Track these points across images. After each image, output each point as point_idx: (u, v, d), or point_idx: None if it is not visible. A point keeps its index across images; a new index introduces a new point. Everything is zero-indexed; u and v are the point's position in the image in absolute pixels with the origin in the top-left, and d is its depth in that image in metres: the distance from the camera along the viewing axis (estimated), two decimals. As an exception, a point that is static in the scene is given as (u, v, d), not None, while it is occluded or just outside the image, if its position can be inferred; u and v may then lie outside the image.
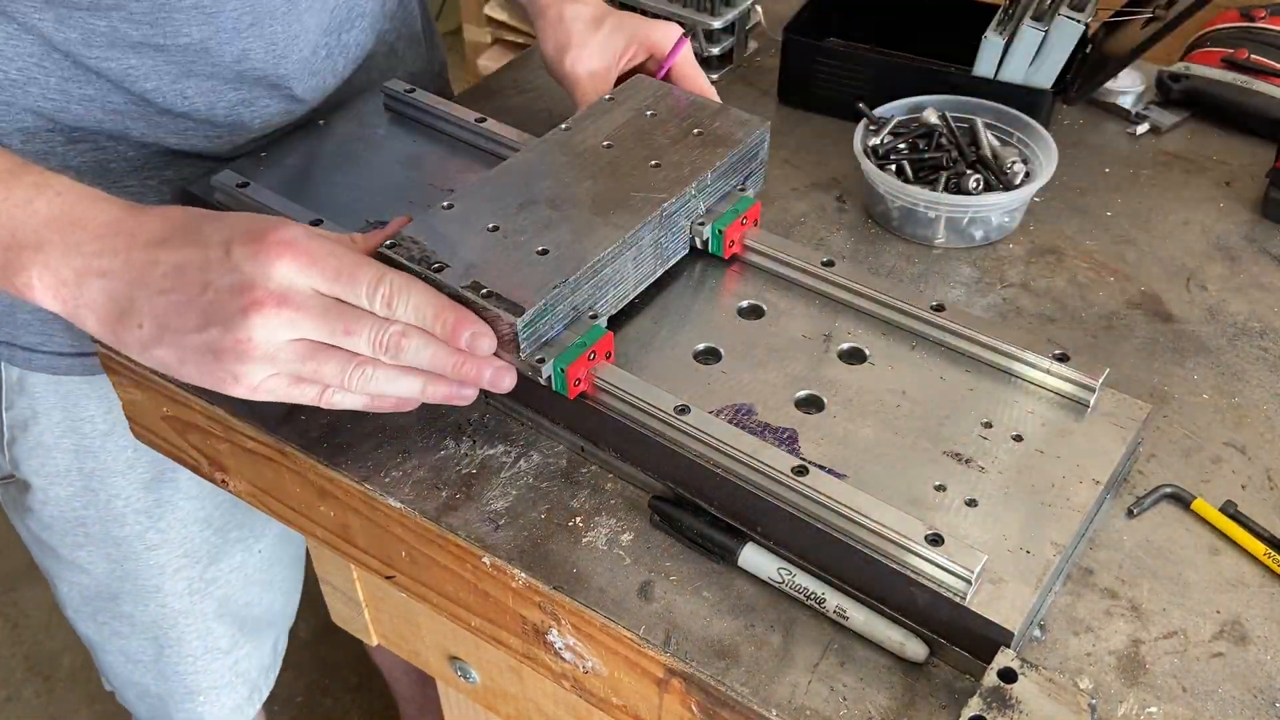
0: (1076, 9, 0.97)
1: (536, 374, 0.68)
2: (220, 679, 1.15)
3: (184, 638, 1.10)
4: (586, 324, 0.70)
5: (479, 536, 0.69)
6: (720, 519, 0.67)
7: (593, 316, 0.71)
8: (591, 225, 0.72)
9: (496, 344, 0.67)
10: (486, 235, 0.72)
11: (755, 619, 0.64)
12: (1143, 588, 0.66)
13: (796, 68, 1.06)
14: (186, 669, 1.12)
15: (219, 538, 1.07)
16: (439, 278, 0.68)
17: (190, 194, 0.87)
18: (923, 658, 0.62)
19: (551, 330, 0.69)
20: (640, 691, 0.66)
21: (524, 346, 0.67)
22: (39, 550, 1.06)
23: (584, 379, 0.69)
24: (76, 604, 1.08)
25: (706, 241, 0.79)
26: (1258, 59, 1.03)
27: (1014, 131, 0.95)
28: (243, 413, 0.76)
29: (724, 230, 0.78)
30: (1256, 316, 0.85)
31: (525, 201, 0.74)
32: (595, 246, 0.71)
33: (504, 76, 1.12)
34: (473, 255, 0.70)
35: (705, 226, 0.78)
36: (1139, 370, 0.80)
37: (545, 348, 0.68)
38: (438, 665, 0.93)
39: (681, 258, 0.79)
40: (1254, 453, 0.74)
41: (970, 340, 0.73)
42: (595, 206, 0.74)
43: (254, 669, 1.19)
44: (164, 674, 1.12)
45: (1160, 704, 0.60)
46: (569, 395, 0.69)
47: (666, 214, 0.75)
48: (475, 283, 0.67)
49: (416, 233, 0.71)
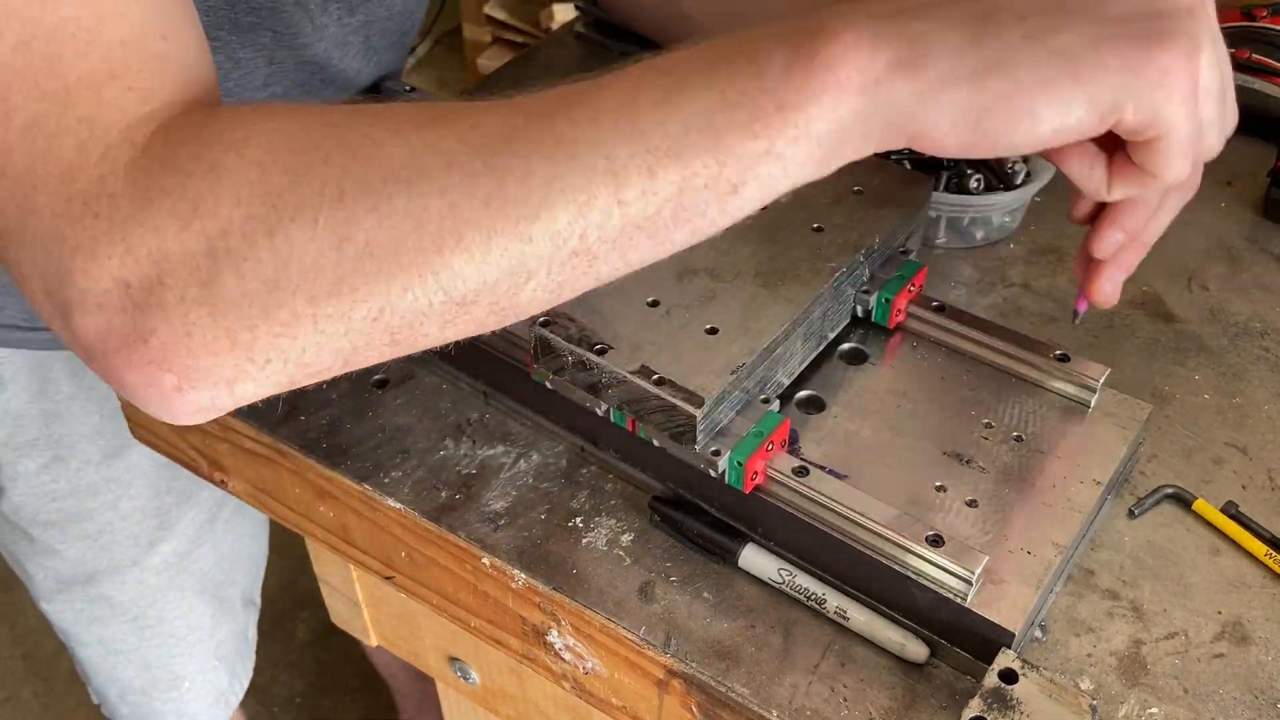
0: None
1: (710, 467, 0.63)
2: (205, 663, 1.14)
3: (165, 616, 1.09)
4: (758, 409, 0.65)
5: (479, 537, 0.69)
6: (720, 519, 0.67)
7: (764, 401, 0.66)
8: (759, 299, 0.67)
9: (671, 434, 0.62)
10: (647, 311, 0.66)
11: (755, 619, 0.64)
12: (1144, 588, 0.66)
13: (797, 67, 1.06)
14: (170, 651, 1.11)
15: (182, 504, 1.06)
16: (603, 361, 0.63)
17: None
18: (923, 658, 0.62)
19: (724, 418, 0.64)
20: (640, 692, 0.66)
21: (700, 439, 0.62)
22: (10, 539, 1.05)
23: (760, 472, 0.64)
24: (52, 592, 1.06)
25: (870, 311, 0.74)
26: (1259, 59, 1.03)
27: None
28: (241, 413, 0.76)
29: (891, 299, 0.73)
30: (1258, 316, 0.85)
31: (683, 271, 0.69)
32: (769, 324, 0.65)
33: (504, 76, 1.12)
34: (636, 335, 0.65)
35: (871, 295, 0.73)
36: (1140, 370, 0.80)
37: (719, 438, 0.63)
38: (437, 666, 0.93)
39: None
40: (1255, 453, 0.74)
41: (971, 340, 0.73)
42: (761, 277, 0.69)
43: (232, 652, 1.18)
44: (147, 661, 1.11)
45: (1161, 705, 0.60)
46: (744, 490, 0.63)
47: (838, 284, 0.70)
48: (644, 367, 0.63)
49: (572, 309, 0.66)
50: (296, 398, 0.77)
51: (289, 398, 0.77)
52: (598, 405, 0.66)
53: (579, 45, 1.18)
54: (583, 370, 0.65)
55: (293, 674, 1.83)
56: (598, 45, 1.17)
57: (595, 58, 1.15)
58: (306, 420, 0.76)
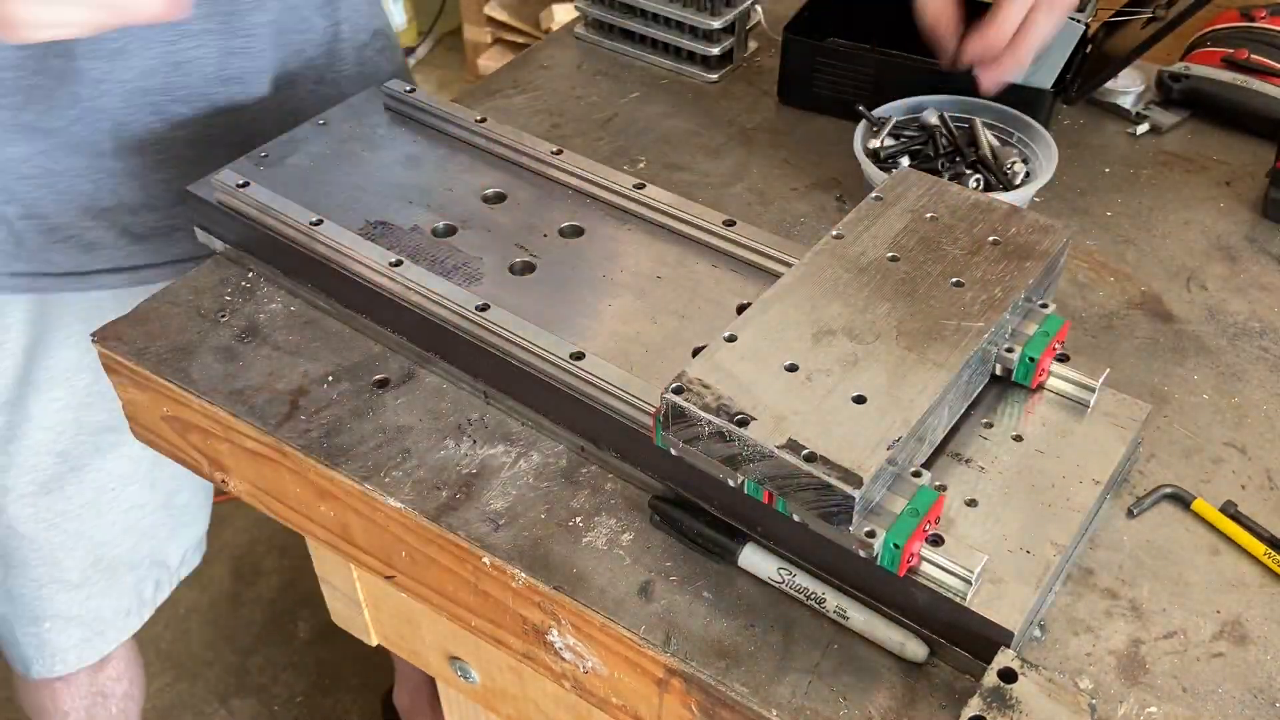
0: (1077, 9, 0.97)
1: (865, 550, 0.58)
2: (67, 610, 1.17)
3: (28, 562, 1.12)
4: (908, 484, 0.60)
5: (479, 536, 0.69)
6: (720, 519, 0.67)
7: (915, 474, 0.60)
8: (906, 363, 0.63)
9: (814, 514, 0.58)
10: (786, 377, 0.62)
11: (755, 619, 0.64)
12: (1143, 588, 0.66)
13: (796, 68, 1.06)
14: (30, 594, 1.14)
15: (74, 475, 1.09)
16: (746, 434, 0.58)
17: (191, 194, 0.87)
18: (923, 658, 0.62)
19: (876, 495, 0.59)
20: (640, 691, 0.66)
21: (856, 520, 0.57)
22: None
23: (916, 555, 0.59)
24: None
25: (1010, 370, 0.69)
26: (1258, 59, 1.03)
27: (1014, 131, 0.95)
28: (243, 413, 0.77)
29: (1036, 358, 0.69)
30: (1257, 316, 0.85)
31: (819, 332, 0.64)
32: (920, 392, 0.61)
33: (504, 76, 1.12)
34: (777, 403, 0.60)
35: (1013, 353, 0.69)
36: (1139, 370, 0.80)
37: (872, 517, 0.58)
38: (438, 665, 0.93)
39: None
40: (1254, 453, 0.74)
41: (971, 340, 0.73)
42: (905, 338, 0.64)
43: (109, 609, 1.20)
44: (10, 594, 1.15)
45: (1160, 704, 0.60)
46: (898, 574, 0.59)
47: (986, 345, 0.65)
48: (792, 441, 0.58)
49: (704, 374, 0.62)
50: (298, 398, 0.77)
51: (290, 398, 0.77)
52: (732, 477, 0.61)
53: (579, 45, 1.18)
54: (720, 441, 0.60)
55: (293, 673, 1.83)
56: (597, 45, 1.17)
57: (595, 58, 1.16)
58: (307, 420, 0.76)
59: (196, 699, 1.79)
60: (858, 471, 0.56)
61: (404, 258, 0.77)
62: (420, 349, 0.78)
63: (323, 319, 0.83)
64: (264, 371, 0.79)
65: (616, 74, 1.13)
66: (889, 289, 0.68)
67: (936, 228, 0.73)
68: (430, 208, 0.85)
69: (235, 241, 0.87)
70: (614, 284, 0.79)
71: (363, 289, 0.78)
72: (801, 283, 0.68)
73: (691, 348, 0.74)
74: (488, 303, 0.73)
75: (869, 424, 0.59)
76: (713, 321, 0.75)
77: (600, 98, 1.09)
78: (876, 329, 0.65)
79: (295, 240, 0.81)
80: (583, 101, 1.08)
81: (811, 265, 0.70)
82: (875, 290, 0.68)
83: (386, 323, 0.80)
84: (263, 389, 0.78)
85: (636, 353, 0.73)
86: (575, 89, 1.10)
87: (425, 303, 0.75)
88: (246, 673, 1.84)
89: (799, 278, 0.69)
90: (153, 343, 0.82)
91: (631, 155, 1.01)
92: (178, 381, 0.79)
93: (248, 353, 0.81)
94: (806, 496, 0.58)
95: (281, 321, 0.83)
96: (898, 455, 0.59)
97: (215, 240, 0.89)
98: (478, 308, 0.73)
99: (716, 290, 0.78)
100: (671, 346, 0.74)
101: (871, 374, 0.62)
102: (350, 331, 0.82)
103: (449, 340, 0.75)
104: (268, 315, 0.84)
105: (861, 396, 0.61)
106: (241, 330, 0.83)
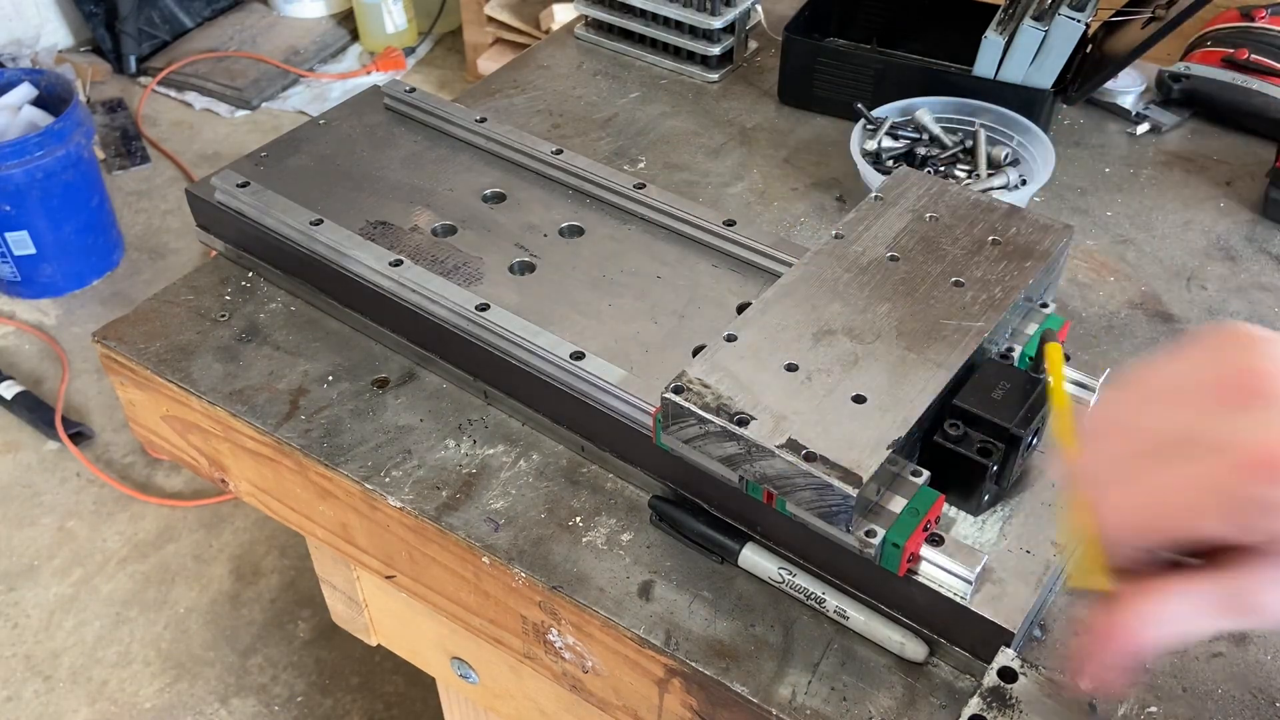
0: (1076, 9, 0.97)
1: (865, 548, 0.58)
2: None
3: None
4: (908, 483, 0.60)
5: (479, 536, 0.69)
6: (720, 519, 0.67)
7: (914, 474, 0.60)
8: (906, 362, 0.63)
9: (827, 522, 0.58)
10: (786, 376, 0.62)
11: (755, 619, 0.64)
12: (1143, 588, 0.66)
13: (796, 68, 1.06)
14: None
15: None
16: (746, 433, 0.58)
17: (191, 194, 0.87)
18: (923, 658, 0.62)
19: (875, 494, 0.59)
20: (640, 691, 0.66)
21: (856, 519, 0.58)
22: None
23: (916, 554, 0.59)
24: None
25: None
26: (1258, 59, 1.03)
27: (1012, 133, 0.95)
28: (243, 413, 0.77)
29: (1032, 357, 0.69)
30: (1256, 316, 0.85)
31: (820, 331, 0.65)
32: (920, 391, 0.61)
33: (504, 76, 1.12)
34: (778, 403, 0.60)
35: (1014, 352, 0.69)
36: (1139, 370, 0.80)
37: (872, 516, 0.59)
38: (438, 665, 0.93)
39: None
40: (1254, 453, 0.74)
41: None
42: (905, 338, 0.64)
43: None
44: None
45: (1160, 704, 0.60)
46: (898, 573, 0.59)
47: (984, 344, 0.65)
48: (792, 441, 0.58)
49: (704, 373, 0.61)
50: (298, 397, 0.77)
51: (290, 398, 0.77)
52: (732, 477, 0.61)
53: (579, 45, 1.18)
54: (720, 441, 0.60)
55: (294, 673, 1.83)
56: (597, 45, 1.17)
57: (595, 58, 1.16)
58: (307, 420, 0.76)
59: (196, 699, 1.79)
60: (857, 471, 0.57)
61: (404, 258, 0.77)
62: (420, 349, 0.79)
63: (323, 319, 0.83)
64: (264, 371, 0.79)
65: (616, 74, 1.13)
66: (889, 289, 0.68)
67: (936, 227, 0.73)
68: (430, 208, 0.85)
69: (235, 241, 0.87)
70: (614, 284, 0.79)
71: (363, 289, 0.78)
72: (801, 282, 0.69)
73: (691, 348, 0.74)
74: (487, 302, 0.73)
75: (869, 423, 0.59)
76: (713, 321, 0.75)
77: (600, 98, 1.09)
78: (876, 328, 0.65)
79: (295, 240, 0.81)
80: (583, 101, 1.09)
81: (811, 265, 0.70)
82: (875, 290, 0.68)
83: (386, 323, 0.80)
84: (263, 389, 0.78)
85: (636, 353, 0.73)
86: (575, 89, 1.10)
87: (425, 303, 0.75)
88: (246, 673, 1.84)
89: (799, 277, 0.69)
90: (153, 343, 0.82)
91: (631, 155, 1.01)
92: (178, 381, 0.79)
93: (248, 353, 0.81)
94: (806, 496, 0.58)
95: (281, 321, 0.83)
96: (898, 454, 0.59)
97: (216, 240, 0.89)
98: (478, 307, 0.73)
99: (716, 290, 0.78)
100: (671, 346, 0.74)
101: (871, 374, 0.62)
102: (350, 331, 0.82)
103: (449, 340, 0.75)
104: (268, 315, 0.84)
105: (861, 396, 0.61)
106: (242, 330, 0.83)
